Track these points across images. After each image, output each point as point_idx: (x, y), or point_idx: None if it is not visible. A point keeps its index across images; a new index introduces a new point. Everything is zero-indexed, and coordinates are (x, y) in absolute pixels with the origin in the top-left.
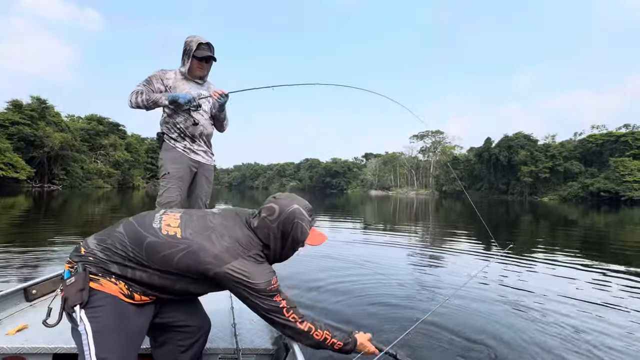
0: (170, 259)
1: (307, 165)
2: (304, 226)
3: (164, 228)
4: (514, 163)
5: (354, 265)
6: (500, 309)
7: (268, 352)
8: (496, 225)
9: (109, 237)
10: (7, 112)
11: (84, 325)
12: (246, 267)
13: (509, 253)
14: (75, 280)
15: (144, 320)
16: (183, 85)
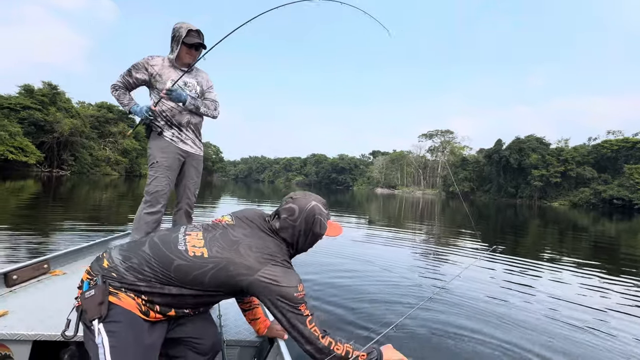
0: (202, 279)
1: (314, 160)
2: (323, 221)
3: (190, 250)
4: (525, 166)
5: (349, 262)
6: (482, 305)
7: (252, 345)
8: (502, 229)
9: (135, 256)
10: (19, 96)
11: (102, 339)
12: (276, 272)
13: (508, 256)
14: (95, 294)
15: (157, 337)
16: (169, 73)
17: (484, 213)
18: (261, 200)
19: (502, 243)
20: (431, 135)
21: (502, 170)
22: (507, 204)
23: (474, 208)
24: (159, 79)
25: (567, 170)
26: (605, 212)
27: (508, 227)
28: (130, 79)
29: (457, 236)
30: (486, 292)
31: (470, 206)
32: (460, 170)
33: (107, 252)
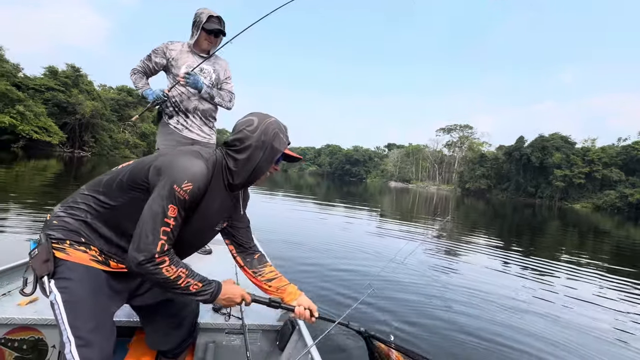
0: (121, 181)
1: (328, 151)
2: (282, 138)
3: (120, 166)
4: (547, 165)
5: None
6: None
7: (274, 329)
8: (518, 229)
9: (70, 197)
10: (44, 77)
11: (55, 296)
12: (182, 156)
13: (523, 256)
14: (39, 252)
15: (122, 288)
16: (186, 58)
17: (500, 212)
18: (273, 189)
19: (518, 243)
20: (449, 129)
21: (522, 169)
22: (526, 203)
23: (489, 206)
24: (174, 64)
25: (593, 172)
26: (631, 217)
27: (525, 228)
28: (150, 64)
29: (479, 238)
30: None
31: (486, 204)
32: (478, 167)
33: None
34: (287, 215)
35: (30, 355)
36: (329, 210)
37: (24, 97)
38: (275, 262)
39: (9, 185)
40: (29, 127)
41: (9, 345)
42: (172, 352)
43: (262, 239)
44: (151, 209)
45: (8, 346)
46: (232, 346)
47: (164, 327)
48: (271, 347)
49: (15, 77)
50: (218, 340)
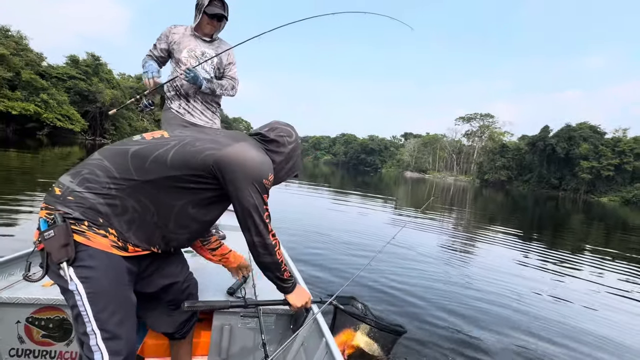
0: (163, 158)
1: (343, 140)
2: (301, 159)
3: (147, 137)
4: (573, 156)
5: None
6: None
7: (287, 313)
8: (540, 221)
9: (84, 168)
10: (66, 66)
11: (76, 286)
12: (249, 149)
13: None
14: (56, 235)
15: (134, 271)
16: (188, 42)
17: (520, 204)
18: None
19: (539, 237)
20: (469, 118)
21: (545, 160)
22: (548, 196)
23: (509, 198)
24: (176, 48)
25: (623, 163)
26: None
27: (547, 221)
28: (156, 52)
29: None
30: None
31: (505, 196)
32: (498, 158)
33: (55, 182)
34: (301, 203)
35: (56, 333)
36: (342, 199)
37: (47, 85)
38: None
39: (36, 170)
40: (53, 115)
41: (36, 323)
42: (179, 334)
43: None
44: (248, 201)
45: (35, 325)
46: (247, 329)
47: (164, 310)
48: (285, 330)
49: (39, 66)
50: (233, 323)
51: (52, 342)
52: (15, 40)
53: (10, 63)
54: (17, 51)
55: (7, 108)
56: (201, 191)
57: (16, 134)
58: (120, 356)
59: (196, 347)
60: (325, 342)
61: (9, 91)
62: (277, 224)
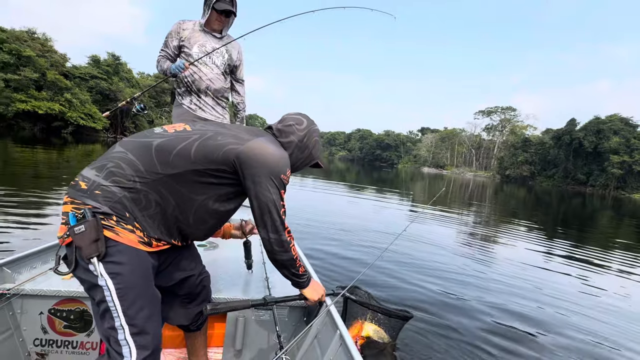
0: (186, 152)
1: (358, 135)
2: (320, 147)
3: (169, 130)
4: (602, 150)
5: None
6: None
7: (300, 305)
8: (565, 218)
9: (108, 161)
10: (88, 66)
11: (106, 281)
12: (268, 145)
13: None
14: (86, 230)
15: (155, 265)
16: (198, 37)
17: (544, 200)
18: (304, 174)
19: (564, 235)
20: (490, 112)
21: (572, 154)
22: (575, 192)
23: (532, 194)
24: (186, 43)
25: None
26: None
27: (574, 218)
28: (168, 50)
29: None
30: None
31: (528, 192)
32: (520, 152)
33: (78, 177)
34: (314, 198)
35: (77, 324)
36: (357, 194)
37: (71, 85)
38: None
39: (63, 167)
40: (76, 113)
41: (58, 315)
42: (194, 326)
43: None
44: (266, 196)
45: (57, 316)
46: (261, 321)
47: (179, 303)
48: (298, 322)
49: (64, 67)
50: (247, 315)
51: (74, 333)
52: (41, 42)
53: (37, 64)
54: (42, 53)
55: (34, 108)
56: (221, 186)
57: (43, 132)
58: (148, 350)
59: (211, 338)
60: (340, 334)
61: (36, 91)
62: (289, 218)
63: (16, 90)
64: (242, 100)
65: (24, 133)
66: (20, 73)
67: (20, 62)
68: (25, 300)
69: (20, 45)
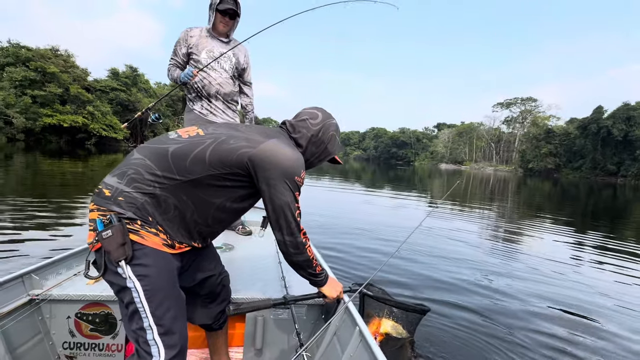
0: (201, 157)
1: (373, 134)
2: (338, 141)
3: (183, 135)
4: (632, 138)
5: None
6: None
7: (317, 303)
8: (594, 213)
9: (128, 168)
10: (107, 79)
11: (134, 283)
12: (281, 146)
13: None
14: (114, 234)
15: (178, 267)
16: (205, 43)
17: (571, 193)
18: (320, 174)
19: (596, 228)
20: (509, 104)
21: (600, 144)
22: (605, 183)
23: (558, 188)
24: (195, 50)
25: None
26: None
27: (604, 210)
28: (177, 58)
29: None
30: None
31: (553, 186)
32: (543, 144)
33: (101, 184)
34: (329, 197)
35: (103, 327)
36: (372, 192)
37: (92, 98)
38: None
39: (87, 177)
40: (98, 125)
41: (84, 318)
42: (216, 324)
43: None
44: (280, 199)
45: (84, 319)
46: (279, 319)
47: (201, 303)
48: (316, 320)
49: (85, 81)
50: (266, 314)
51: (100, 335)
52: (63, 59)
53: (60, 80)
54: (65, 68)
55: (59, 121)
56: (237, 189)
57: (68, 144)
58: (175, 349)
59: (231, 338)
60: (359, 330)
61: (60, 105)
62: (306, 216)
63: (42, 105)
64: (251, 102)
65: (51, 146)
66: (46, 89)
67: (45, 78)
68: (53, 305)
69: (45, 62)
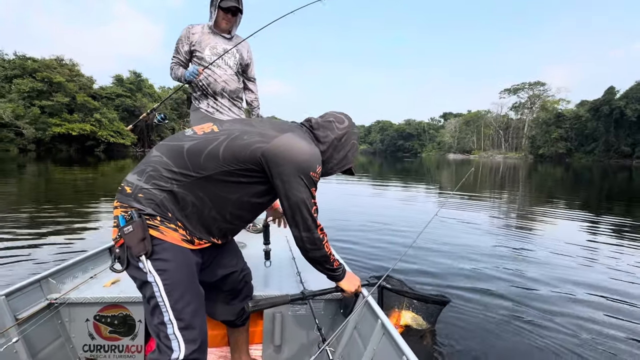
0: (215, 153)
1: (378, 127)
2: (357, 150)
3: (198, 131)
4: None
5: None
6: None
7: (335, 298)
8: (609, 197)
9: (147, 166)
10: (113, 86)
11: (154, 277)
12: (295, 140)
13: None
14: (134, 230)
15: (198, 263)
16: (208, 39)
17: (584, 177)
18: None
19: (610, 212)
20: (516, 89)
21: (613, 125)
22: (619, 166)
23: (570, 173)
24: (198, 47)
25: None
26: None
27: (620, 194)
28: (180, 56)
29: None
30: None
31: (565, 171)
32: (554, 129)
33: (123, 182)
34: (341, 191)
35: (122, 329)
36: (381, 186)
37: (99, 105)
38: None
39: (98, 183)
40: (106, 132)
41: (103, 321)
42: (239, 320)
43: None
44: (296, 195)
45: (102, 322)
46: (298, 315)
47: (221, 299)
48: (335, 315)
49: (91, 89)
50: (284, 311)
51: (119, 337)
52: (69, 68)
53: (67, 89)
54: (71, 77)
55: (68, 130)
56: (253, 185)
57: (78, 152)
58: (196, 344)
59: (251, 336)
60: (381, 323)
61: (68, 114)
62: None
63: (51, 115)
64: (256, 97)
65: (61, 155)
66: (53, 98)
67: (52, 88)
68: (72, 309)
69: (51, 72)
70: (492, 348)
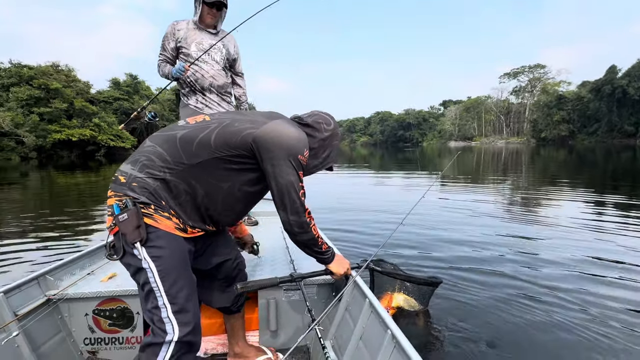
0: (207, 141)
1: (378, 118)
2: (337, 152)
3: (190, 121)
4: None
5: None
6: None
7: (327, 282)
8: (613, 176)
9: (141, 155)
10: (110, 89)
11: (148, 264)
12: (284, 126)
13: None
14: (129, 217)
15: (191, 251)
16: (194, 35)
17: (587, 159)
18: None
19: (615, 192)
20: (516, 73)
21: (615, 105)
22: (623, 145)
23: (573, 155)
24: (184, 43)
25: None
26: None
27: (625, 174)
28: (167, 53)
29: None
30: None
31: (569, 153)
32: (555, 111)
33: (117, 172)
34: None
35: (121, 322)
36: (382, 177)
37: (97, 110)
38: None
39: (102, 189)
40: (106, 136)
41: (102, 314)
42: (235, 307)
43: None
44: (285, 178)
45: (101, 315)
46: (291, 301)
47: (217, 287)
48: (328, 299)
49: (88, 94)
50: (278, 297)
51: (119, 330)
52: (65, 74)
53: (64, 95)
54: (68, 83)
55: (68, 136)
56: (244, 172)
57: (79, 158)
58: (189, 327)
59: (248, 323)
60: (369, 302)
61: (67, 120)
62: (314, 199)
63: (50, 122)
64: (244, 92)
65: (63, 161)
66: (51, 105)
67: (50, 94)
68: (71, 304)
69: (48, 79)
70: (489, 325)
